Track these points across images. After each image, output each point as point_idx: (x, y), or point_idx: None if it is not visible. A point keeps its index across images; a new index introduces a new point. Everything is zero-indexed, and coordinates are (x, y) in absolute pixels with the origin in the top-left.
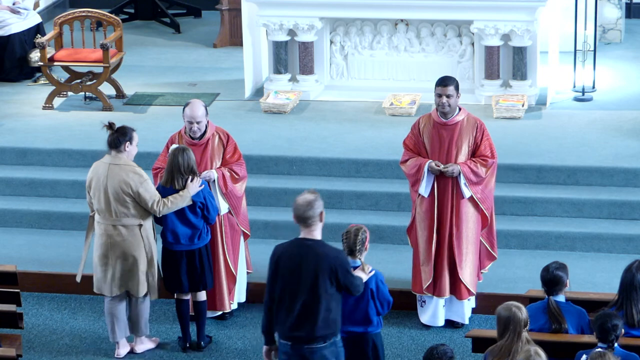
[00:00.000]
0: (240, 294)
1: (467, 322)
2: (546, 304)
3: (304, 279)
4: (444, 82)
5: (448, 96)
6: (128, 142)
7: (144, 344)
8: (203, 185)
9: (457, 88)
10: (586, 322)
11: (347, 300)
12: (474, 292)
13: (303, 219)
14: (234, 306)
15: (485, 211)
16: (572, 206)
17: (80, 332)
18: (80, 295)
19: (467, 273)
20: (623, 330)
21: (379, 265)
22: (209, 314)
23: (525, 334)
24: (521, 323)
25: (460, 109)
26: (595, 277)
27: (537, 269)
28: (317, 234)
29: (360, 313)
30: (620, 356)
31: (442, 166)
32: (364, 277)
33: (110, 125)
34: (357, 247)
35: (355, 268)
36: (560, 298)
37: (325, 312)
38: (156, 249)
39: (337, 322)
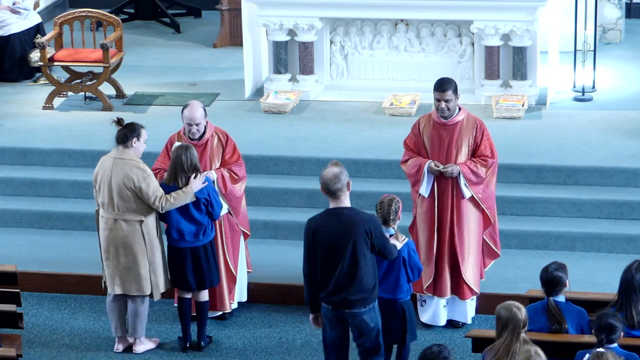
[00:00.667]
0: (241, 294)
1: (469, 321)
2: (546, 305)
3: (343, 246)
4: (441, 86)
5: (447, 100)
6: (135, 139)
7: (144, 344)
8: (207, 182)
9: (455, 91)
10: (586, 322)
11: (380, 267)
12: (477, 292)
13: (332, 192)
14: (234, 306)
15: (487, 211)
16: (572, 206)
17: (80, 332)
18: (80, 295)
19: (469, 273)
20: (622, 334)
21: None
22: (209, 314)
23: (523, 335)
24: (520, 324)
25: (460, 109)
26: (595, 277)
27: (537, 269)
28: (347, 202)
29: (391, 280)
30: (622, 356)
31: (441, 167)
32: (398, 245)
33: (119, 121)
34: (391, 217)
35: (390, 237)
36: (560, 298)
37: (363, 276)
38: (160, 248)
39: (375, 287)
